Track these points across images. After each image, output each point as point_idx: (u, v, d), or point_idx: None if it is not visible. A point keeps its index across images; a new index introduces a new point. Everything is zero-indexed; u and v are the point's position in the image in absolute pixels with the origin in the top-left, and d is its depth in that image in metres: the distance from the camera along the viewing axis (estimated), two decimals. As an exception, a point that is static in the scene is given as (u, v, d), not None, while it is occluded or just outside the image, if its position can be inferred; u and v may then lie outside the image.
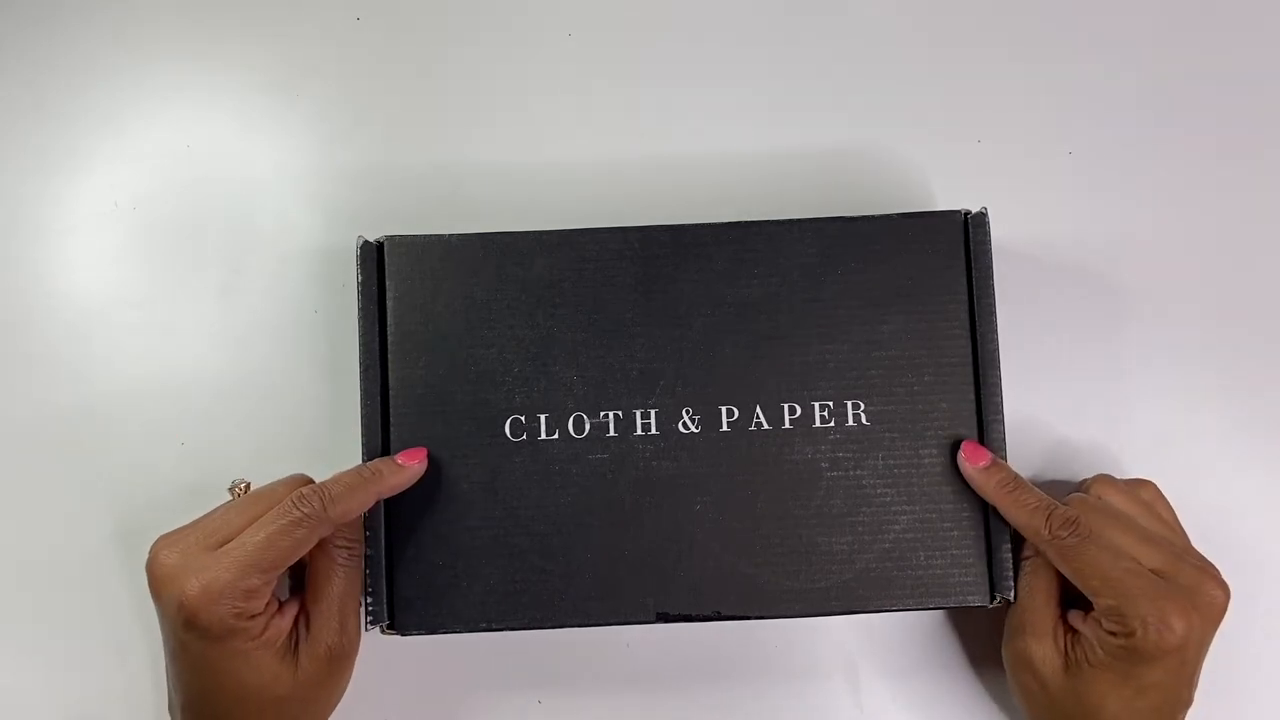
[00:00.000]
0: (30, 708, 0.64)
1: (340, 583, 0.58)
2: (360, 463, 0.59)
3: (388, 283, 0.60)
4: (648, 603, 0.59)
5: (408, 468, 0.58)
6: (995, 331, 0.59)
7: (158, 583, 0.55)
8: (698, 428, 0.60)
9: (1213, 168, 0.67)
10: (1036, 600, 0.58)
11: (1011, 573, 0.59)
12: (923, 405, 0.60)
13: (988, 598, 0.59)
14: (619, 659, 0.64)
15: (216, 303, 0.66)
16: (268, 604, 0.55)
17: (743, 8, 0.68)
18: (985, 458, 0.58)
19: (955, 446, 0.59)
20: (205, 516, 0.57)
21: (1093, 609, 0.56)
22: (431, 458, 0.59)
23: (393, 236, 0.60)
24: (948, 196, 0.66)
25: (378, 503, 0.58)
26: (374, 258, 0.60)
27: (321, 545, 0.57)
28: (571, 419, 0.60)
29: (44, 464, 0.65)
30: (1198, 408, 0.65)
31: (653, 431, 0.60)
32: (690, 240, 0.60)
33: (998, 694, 0.64)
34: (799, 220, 0.61)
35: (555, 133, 0.68)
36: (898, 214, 0.61)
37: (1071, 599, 0.58)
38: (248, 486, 0.60)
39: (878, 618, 0.64)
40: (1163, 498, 0.60)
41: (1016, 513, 0.57)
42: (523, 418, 0.60)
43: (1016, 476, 0.58)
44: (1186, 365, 0.65)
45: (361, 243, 0.60)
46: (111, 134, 0.68)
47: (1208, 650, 0.56)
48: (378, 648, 0.63)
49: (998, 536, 0.59)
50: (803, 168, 0.67)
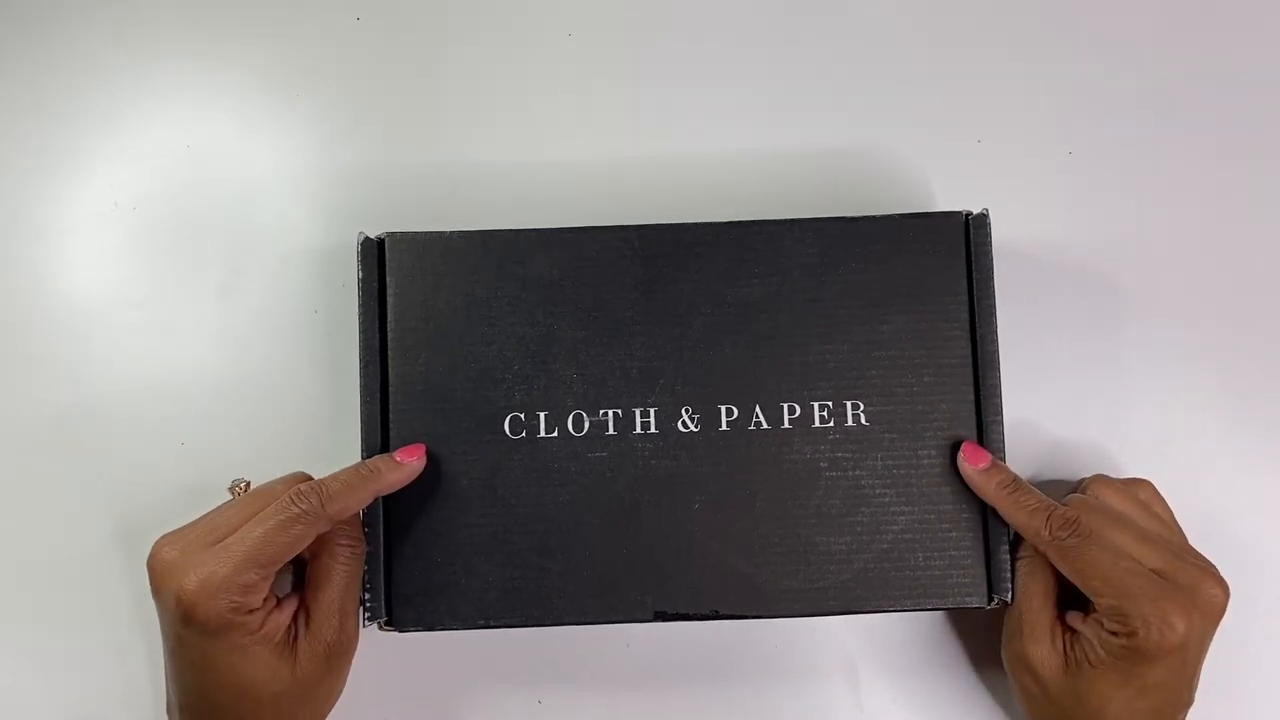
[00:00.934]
0: (30, 708, 0.64)
1: (340, 579, 0.57)
2: (359, 460, 0.59)
3: (388, 279, 0.60)
4: (646, 601, 0.59)
5: (406, 465, 0.58)
6: (995, 333, 0.59)
7: (157, 578, 0.55)
8: (697, 427, 0.60)
9: (1213, 168, 0.67)
10: (1033, 602, 0.58)
11: (1009, 575, 0.59)
12: (922, 406, 0.60)
13: (985, 599, 0.59)
14: (619, 659, 0.64)
15: (216, 303, 0.66)
16: (265, 599, 0.55)
17: (743, 8, 0.68)
18: (985, 459, 0.58)
19: (954, 447, 0.59)
20: (205, 515, 0.57)
21: (1092, 609, 0.56)
22: (431, 454, 0.59)
23: (394, 233, 0.60)
24: (948, 196, 0.66)
25: (377, 499, 0.58)
26: (375, 254, 0.60)
27: (323, 541, 0.57)
28: (571, 417, 0.60)
29: (44, 464, 0.65)
30: (1197, 408, 0.65)
31: (652, 430, 0.60)
32: (690, 239, 0.60)
33: (998, 694, 0.64)
34: (799, 220, 0.61)
35: (555, 132, 0.68)
36: (899, 214, 0.61)
37: (1069, 600, 0.58)
38: (247, 485, 0.60)
39: (878, 617, 0.64)
40: (1160, 497, 0.60)
41: (1016, 514, 0.57)
42: (522, 415, 0.60)
43: (1016, 478, 0.58)
44: (1186, 365, 0.65)
45: (362, 239, 0.60)
46: (111, 134, 0.68)
47: (1208, 649, 0.56)
48: (379, 646, 0.64)
49: (996, 538, 0.59)
50: (803, 167, 0.67)
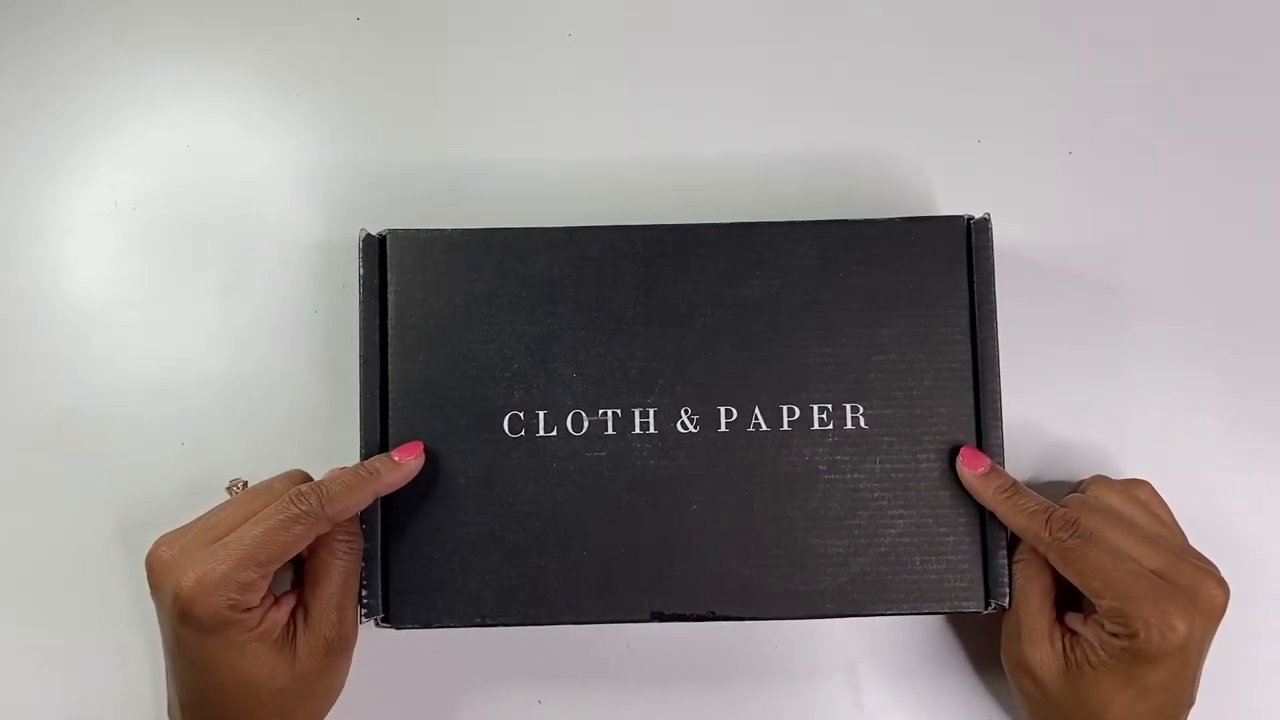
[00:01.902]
0: (30, 708, 0.64)
1: (339, 576, 0.57)
2: (359, 459, 0.59)
3: (389, 277, 0.60)
4: (642, 601, 0.59)
5: (404, 464, 0.58)
6: (995, 338, 0.59)
7: (155, 576, 0.55)
8: (696, 427, 0.60)
9: (1213, 168, 0.67)
10: (1032, 605, 0.58)
11: (1007, 580, 0.59)
12: (921, 410, 0.60)
13: (983, 604, 0.59)
14: (619, 659, 0.64)
15: (216, 303, 0.66)
16: (264, 597, 0.55)
17: (743, 8, 0.68)
18: (983, 463, 0.58)
19: (953, 452, 0.59)
20: (204, 515, 0.57)
21: (1091, 611, 0.56)
22: (429, 452, 0.59)
23: (395, 230, 0.60)
24: (948, 197, 0.66)
25: (376, 499, 0.58)
26: (376, 251, 0.60)
27: (321, 538, 0.57)
28: (570, 416, 0.60)
29: (44, 464, 0.65)
30: (1197, 408, 0.65)
31: (651, 430, 0.59)
32: (692, 240, 0.60)
33: (998, 695, 0.63)
34: (801, 222, 0.61)
35: (556, 132, 0.68)
36: (900, 218, 0.61)
37: (1067, 601, 0.58)
38: (245, 485, 0.60)
39: (879, 619, 0.64)
40: (1159, 497, 0.60)
41: (1015, 517, 0.57)
42: (521, 414, 0.60)
43: (1014, 482, 0.58)
44: (1186, 365, 0.65)
45: (364, 236, 0.60)
46: (111, 134, 0.68)
47: (1209, 650, 0.56)
48: (377, 645, 0.63)
49: (994, 543, 0.59)
50: (803, 168, 0.67)
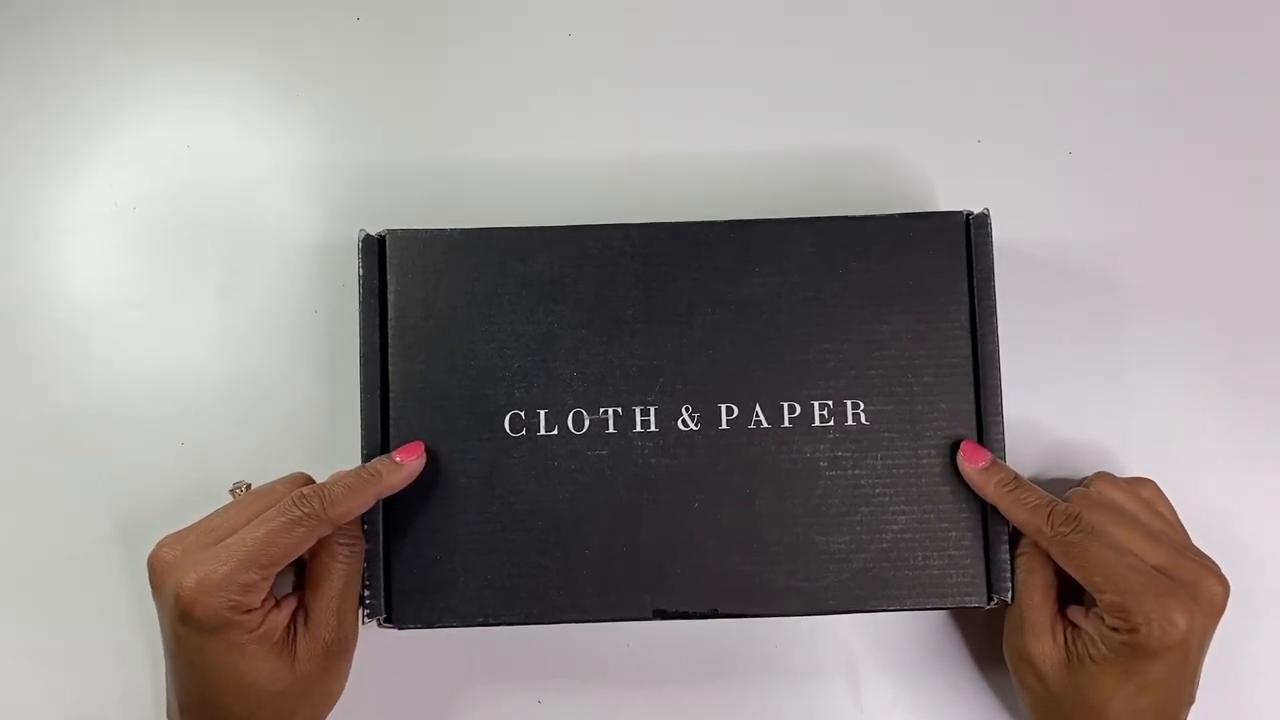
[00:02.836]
0: (30, 708, 0.64)
1: (339, 579, 0.57)
2: (359, 459, 0.59)
3: (389, 277, 0.60)
4: (644, 600, 0.59)
5: (406, 465, 0.58)
6: (995, 333, 0.59)
7: (156, 577, 0.55)
8: (697, 425, 0.60)
9: (1213, 168, 0.67)
10: (1034, 598, 0.58)
11: (1009, 574, 0.59)
12: (922, 405, 0.60)
13: (985, 599, 0.59)
14: (619, 659, 0.64)
15: (216, 303, 0.66)
16: (264, 599, 0.55)
17: (743, 8, 0.68)
18: (984, 458, 0.58)
19: (954, 447, 0.59)
20: (206, 517, 0.57)
21: (1092, 604, 0.56)
22: (430, 452, 0.59)
23: (394, 230, 0.60)
24: (948, 196, 0.66)
25: (378, 501, 0.58)
26: (375, 251, 0.60)
27: (322, 541, 0.57)
28: (571, 415, 0.60)
29: (44, 464, 0.65)
30: (1197, 408, 0.65)
31: (652, 428, 0.59)
32: (691, 238, 0.60)
33: (999, 693, 0.63)
34: (800, 219, 0.61)
35: (555, 132, 0.68)
36: (899, 214, 0.61)
37: (1069, 595, 0.58)
38: (248, 487, 0.60)
39: (879, 616, 0.64)
40: (1162, 495, 0.60)
41: (1017, 511, 0.57)
42: (522, 413, 0.60)
43: (1015, 476, 0.58)
44: (1186, 365, 0.65)
45: (363, 236, 0.60)
46: (111, 134, 0.68)
47: (1209, 646, 0.56)
48: (378, 645, 0.63)
49: (996, 538, 0.59)
50: (803, 167, 0.67)
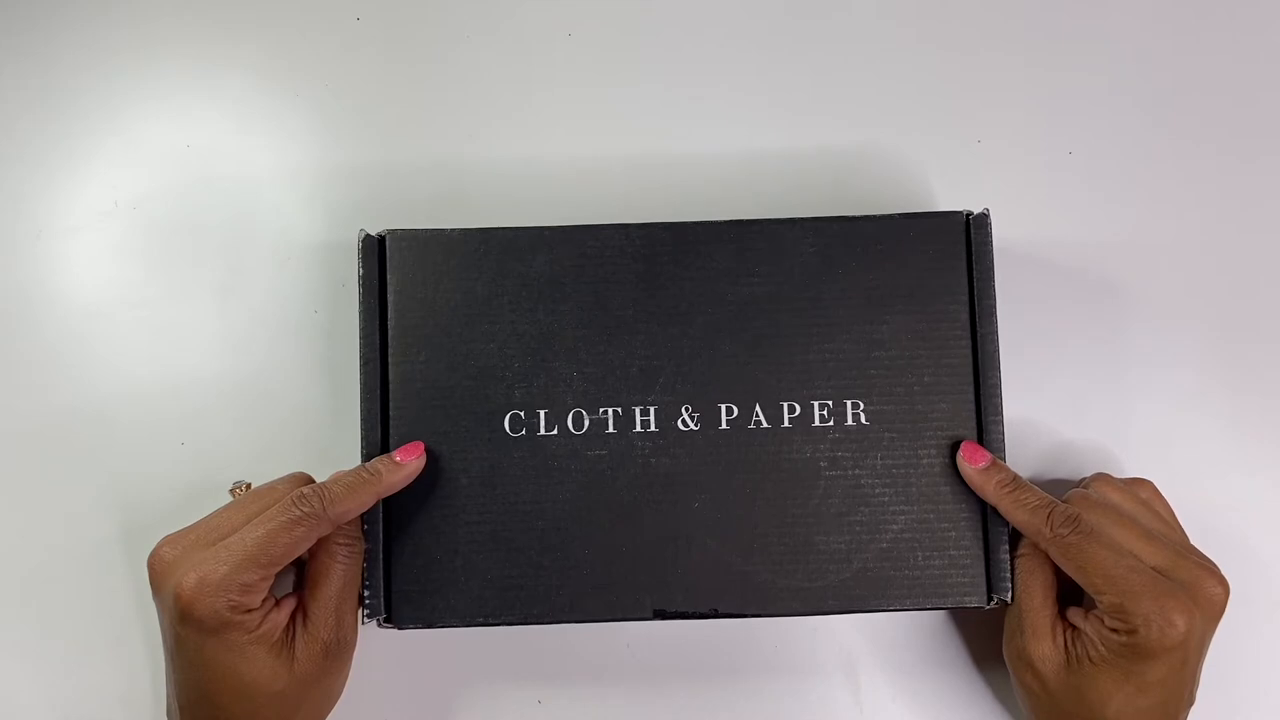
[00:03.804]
0: (30, 708, 0.64)
1: (338, 579, 0.57)
2: (359, 459, 0.59)
3: (389, 277, 0.60)
4: (645, 600, 0.59)
5: (406, 465, 0.58)
6: (995, 333, 0.59)
7: (156, 577, 0.55)
8: (697, 425, 0.60)
9: (1213, 168, 0.67)
10: (1034, 600, 0.58)
11: (1009, 574, 0.59)
12: (922, 406, 0.60)
13: (985, 599, 0.59)
14: (619, 659, 0.64)
15: (216, 303, 0.66)
16: (264, 600, 0.55)
17: (743, 8, 0.68)
18: (984, 458, 0.58)
19: (954, 447, 0.59)
20: (206, 517, 0.57)
21: (1092, 606, 0.56)
22: (430, 452, 0.59)
23: (394, 230, 0.60)
24: (948, 196, 0.66)
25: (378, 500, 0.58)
26: (375, 251, 0.60)
27: (321, 542, 0.57)
28: (571, 415, 0.60)
29: (44, 464, 0.65)
30: (1197, 408, 0.65)
31: (652, 428, 0.59)
32: (691, 238, 0.60)
33: (998, 693, 0.63)
34: (800, 219, 0.61)
35: (555, 132, 0.68)
36: (899, 214, 0.61)
37: (1069, 596, 0.58)
38: (248, 487, 0.60)
39: (878, 616, 0.64)
40: (1160, 496, 0.60)
41: (1017, 512, 0.57)
42: (522, 413, 0.60)
43: (1015, 476, 0.58)
44: (1186, 365, 0.65)
45: (363, 236, 0.60)
46: (111, 134, 0.68)
47: (1208, 647, 0.56)
48: (378, 645, 0.63)
49: (995, 538, 0.59)
50: (803, 167, 0.67)
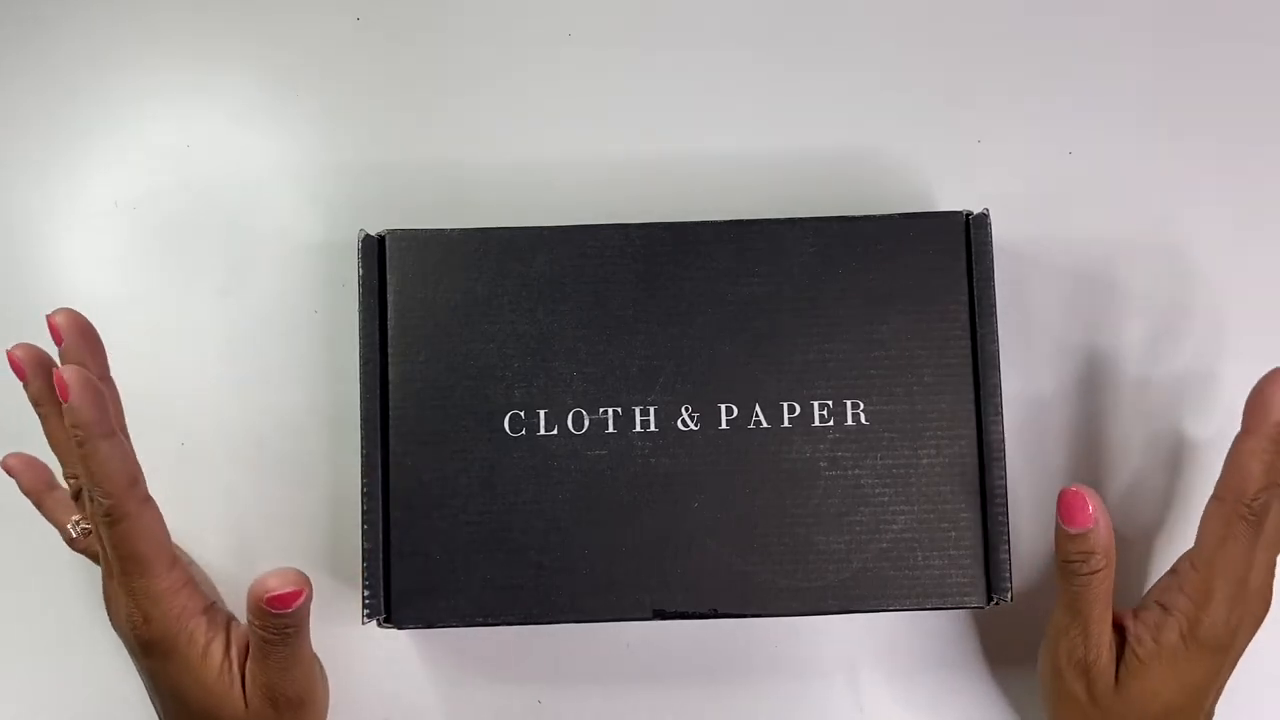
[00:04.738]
0: (30, 708, 0.64)
1: (263, 658, 0.57)
2: (359, 459, 0.59)
3: (389, 277, 0.60)
4: (644, 600, 0.59)
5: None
6: (995, 333, 0.59)
7: (115, 626, 0.57)
8: (697, 425, 0.60)
9: (1213, 168, 0.67)
10: (1095, 610, 0.57)
11: (1009, 575, 0.59)
12: (922, 405, 0.60)
13: (985, 599, 0.59)
14: (619, 659, 0.64)
15: (216, 303, 0.66)
16: (206, 609, 0.57)
17: (743, 8, 0.68)
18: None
19: (954, 447, 0.59)
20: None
21: (1136, 612, 0.57)
22: (430, 452, 0.59)
23: (394, 230, 0.60)
24: (948, 196, 0.66)
25: (377, 497, 0.58)
26: (375, 251, 0.60)
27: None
28: (570, 415, 0.60)
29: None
30: (1198, 408, 0.65)
31: (652, 428, 0.59)
32: (691, 238, 0.60)
33: (999, 693, 0.64)
34: (800, 219, 0.61)
35: (555, 131, 0.68)
36: (899, 214, 0.60)
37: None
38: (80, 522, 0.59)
39: (879, 617, 0.64)
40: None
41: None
42: (522, 413, 0.59)
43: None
44: (1186, 366, 0.65)
45: (363, 236, 0.60)
46: (111, 133, 0.68)
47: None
48: (378, 645, 0.64)
49: (996, 538, 0.59)
50: (803, 167, 0.67)
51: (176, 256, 0.67)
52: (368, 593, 0.58)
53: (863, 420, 0.60)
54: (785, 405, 0.60)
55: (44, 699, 0.65)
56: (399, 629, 0.59)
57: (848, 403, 0.60)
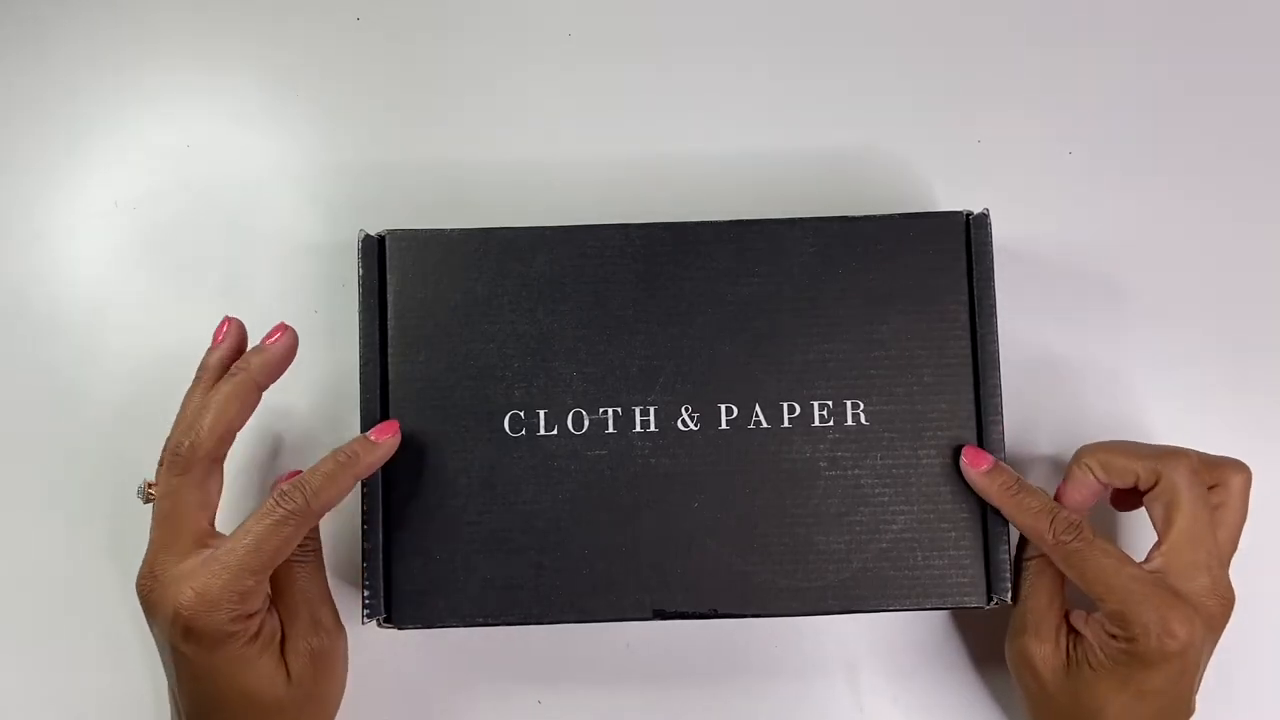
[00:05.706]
0: (30, 708, 0.64)
1: (302, 582, 0.58)
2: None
3: (389, 277, 0.60)
4: (644, 600, 0.59)
5: (382, 443, 0.57)
6: (995, 333, 0.59)
7: (150, 599, 0.55)
8: (697, 425, 0.60)
9: (1213, 167, 0.67)
10: (1040, 600, 0.58)
11: (1009, 575, 0.59)
12: (922, 406, 0.60)
13: (984, 599, 0.59)
14: (619, 659, 0.64)
15: (216, 303, 0.66)
16: (259, 605, 0.55)
17: (743, 8, 0.68)
18: (987, 461, 0.58)
19: (955, 447, 0.59)
20: (155, 530, 0.56)
21: (1094, 610, 0.56)
22: (430, 452, 0.59)
23: (394, 230, 0.60)
24: (948, 196, 0.66)
25: (377, 497, 0.59)
26: (375, 252, 0.60)
27: None
28: (571, 415, 0.59)
29: (44, 464, 0.65)
30: (1198, 408, 0.65)
31: (652, 428, 0.59)
32: (691, 238, 0.60)
33: (998, 694, 0.63)
34: (800, 219, 0.61)
35: (555, 131, 0.68)
36: (899, 214, 0.61)
37: (1076, 599, 0.58)
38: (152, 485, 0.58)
39: (879, 617, 0.64)
40: (1242, 493, 0.58)
41: (1020, 516, 0.57)
42: (522, 413, 0.59)
43: (1019, 479, 0.58)
44: (1186, 365, 0.65)
45: (363, 236, 0.60)
46: (111, 134, 0.68)
47: (1209, 658, 0.56)
48: (378, 645, 0.63)
49: (995, 537, 0.59)
50: (803, 167, 0.67)
51: (176, 256, 0.67)
52: (368, 593, 0.58)
53: (863, 420, 0.60)
54: (785, 405, 0.60)
55: (42, 700, 0.64)
56: (399, 629, 0.59)
57: (848, 403, 0.60)
